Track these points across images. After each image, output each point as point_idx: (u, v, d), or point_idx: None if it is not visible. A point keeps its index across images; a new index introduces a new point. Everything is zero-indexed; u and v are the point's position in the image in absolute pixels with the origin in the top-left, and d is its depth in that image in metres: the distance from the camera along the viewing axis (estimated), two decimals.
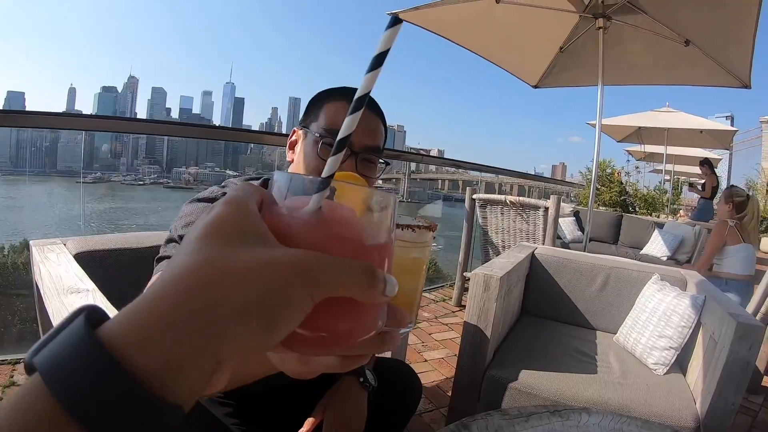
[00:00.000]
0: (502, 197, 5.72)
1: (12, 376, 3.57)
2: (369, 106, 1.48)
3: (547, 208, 5.34)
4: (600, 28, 5.27)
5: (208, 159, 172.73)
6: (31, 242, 2.34)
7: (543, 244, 5.31)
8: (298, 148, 1.56)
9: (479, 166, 9.16)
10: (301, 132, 1.56)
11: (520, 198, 5.54)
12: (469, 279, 3.05)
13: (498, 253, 5.85)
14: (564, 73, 6.77)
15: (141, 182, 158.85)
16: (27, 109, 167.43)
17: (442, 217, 13.17)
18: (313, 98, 1.59)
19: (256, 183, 1.56)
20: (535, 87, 7.09)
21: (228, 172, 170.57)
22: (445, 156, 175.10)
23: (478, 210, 6.03)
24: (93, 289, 1.62)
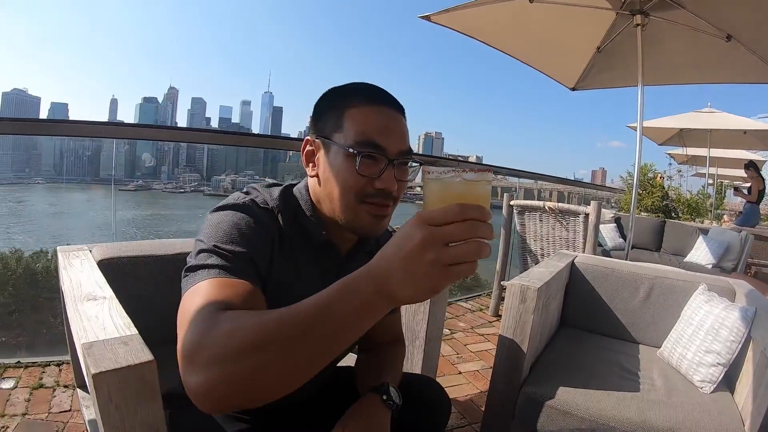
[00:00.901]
0: (540, 203, 5.56)
1: (41, 378, 3.57)
2: (390, 103, 1.43)
3: (587, 215, 5.16)
4: (638, 25, 5.08)
5: (248, 167, 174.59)
6: (57, 248, 2.33)
7: (583, 252, 5.13)
8: (321, 161, 1.44)
9: (517, 172, 8.95)
10: (319, 142, 1.44)
11: (559, 204, 5.37)
12: (506, 289, 2.93)
13: (537, 262, 5.68)
14: (602, 74, 6.58)
15: (182, 190, 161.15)
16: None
17: None
18: (324, 100, 1.48)
19: (277, 189, 1.52)
20: (573, 89, 6.92)
21: (267, 179, 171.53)
22: (483, 160, 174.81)
23: (516, 217, 5.88)
24: (110, 297, 1.56)
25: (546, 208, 5.50)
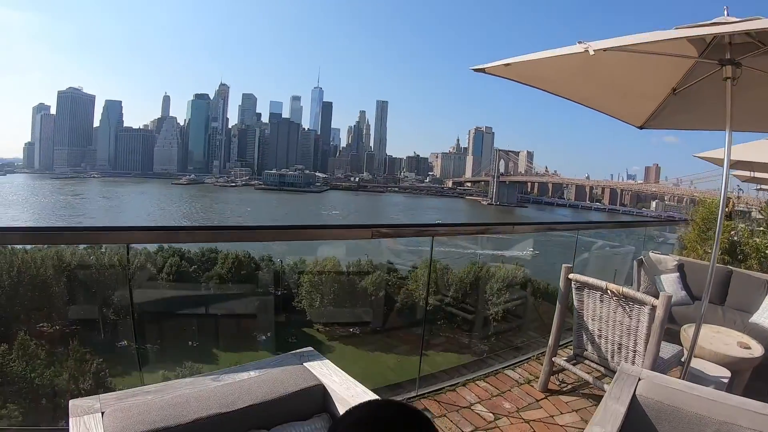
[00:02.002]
0: (602, 284, 4.89)
1: None
2: None
3: (654, 307, 4.44)
4: (728, 78, 4.26)
5: (298, 161, 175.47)
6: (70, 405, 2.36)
7: (644, 355, 4.63)
8: None
9: (578, 225, 8.32)
10: None
11: (624, 289, 4.68)
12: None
13: (592, 342, 5.26)
14: (677, 116, 5.79)
15: (233, 184, 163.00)
16: (124, 117, 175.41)
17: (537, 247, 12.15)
18: None
19: None
20: (641, 128, 6.16)
21: (318, 174, 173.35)
22: (534, 158, 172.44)
23: (574, 291, 5.24)
24: None
25: (608, 290, 4.90)
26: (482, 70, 4.23)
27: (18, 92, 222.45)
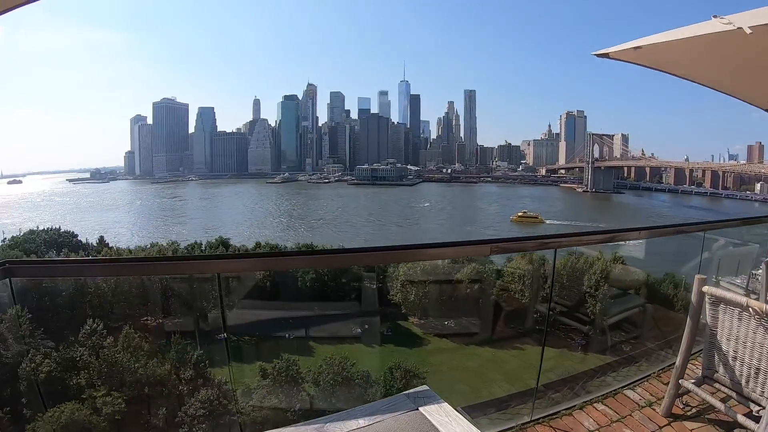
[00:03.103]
0: (743, 300, 4.25)
1: None
2: None
3: None
4: None
5: (390, 155, 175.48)
6: None
7: None
8: None
9: (708, 225, 7.64)
10: None
11: None
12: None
13: (725, 363, 4.61)
14: None
15: (326, 180, 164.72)
16: (217, 122, 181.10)
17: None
18: None
19: None
20: None
21: (409, 167, 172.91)
22: (629, 141, 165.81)
23: (707, 306, 4.65)
24: None
25: (750, 308, 4.25)
26: (605, 55, 3.96)
27: (116, 106, 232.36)
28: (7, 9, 3.96)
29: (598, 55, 3.96)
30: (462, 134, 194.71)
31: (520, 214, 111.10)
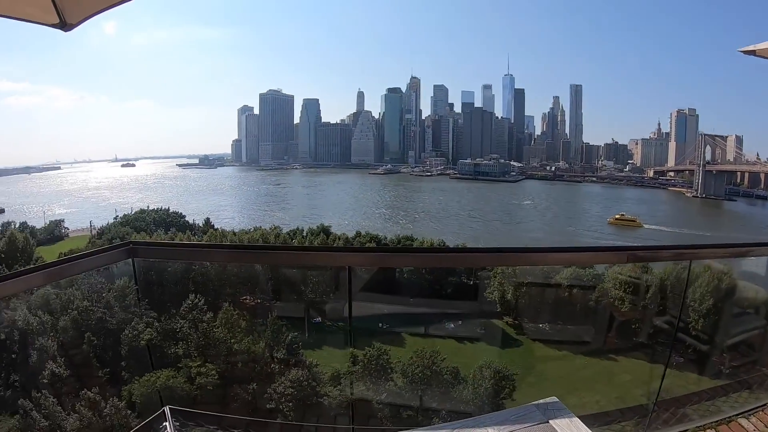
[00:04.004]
0: None
1: None
2: None
3: None
4: None
5: (493, 150, 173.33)
6: None
7: None
8: None
9: None
10: None
11: None
12: None
13: None
14: None
15: (428, 173, 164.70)
16: (322, 113, 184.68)
17: None
18: None
19: None
20: None
21: (513, 163, 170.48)
22: (743, 144, 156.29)
23: None
24: None
25: None
26: (752, 52, 3.71)
27: (224, 97, 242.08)
28: (113, 4, 4.10)
29: (745, 52, 3.71)
30: (567, 131, 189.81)
31: (617, 216, 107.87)
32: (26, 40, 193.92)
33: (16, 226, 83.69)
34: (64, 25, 3.99)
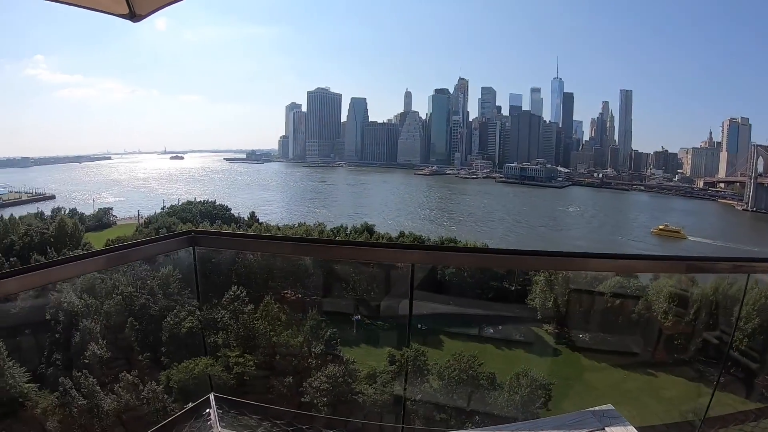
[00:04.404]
0: None
1: None
2: None
3: None
4: None
5: (540, 154, 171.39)
6: None
7: None
8: None
9: None
10: None
11: None
12: None
13: None
14: None
15: (473, 176, 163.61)
16: (369, 112, 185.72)
17: None
18: None
19: None
20: None
21: (559, 168, 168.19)
22: None
23: None
24: None
25: None
26: None
27: (272, 94, 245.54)
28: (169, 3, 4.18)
29: None
30: (616, 137, 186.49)
31: (661, 227, 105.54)
32: (80, 34, 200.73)
33: (66, 212, 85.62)
34: (133, 16, 4.14)
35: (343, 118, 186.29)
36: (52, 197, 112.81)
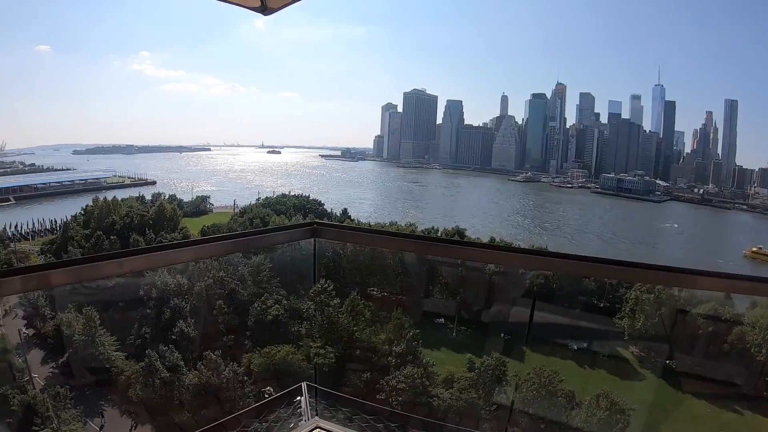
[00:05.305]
0: None
1: None
2: None
3: None
4: None
5: (638, 166, 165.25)
6: None
7: None
8: None
9: None
10: None
11: None
12: None
13: None
14: None
15: (569, 185, 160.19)
16: (464, 115, 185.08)
17: None
18: None
19: None
20: None
21: (658, 181, 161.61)
22: None
23: None
24: None
25: None
26: None
27: (368, 93, 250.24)
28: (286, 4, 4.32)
29: None
30: (719, 150, 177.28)
31: (754, 249, 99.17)
32: (183, 33, 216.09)
33: (166, 197, 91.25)
34: (265, 9, 4.52)
35: (439, 120, 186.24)
36: (153, 183, 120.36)
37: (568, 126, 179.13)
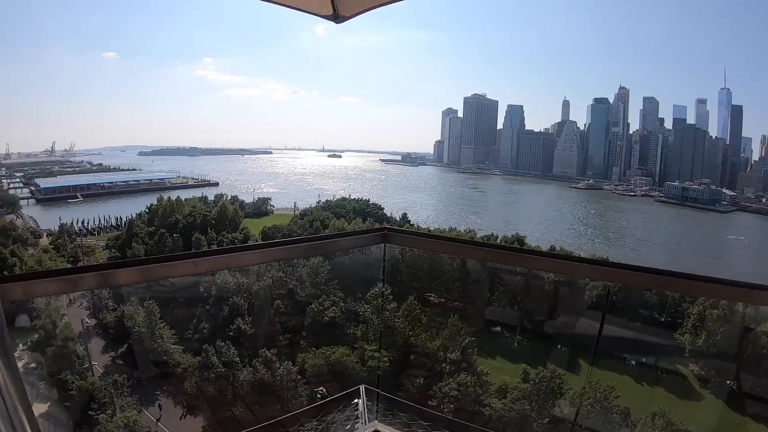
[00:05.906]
0: None
1: None
2: None
3: None
4: None
5: (704, 173, 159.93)
6: None
7: None
8: None
9: None
10: None
11: None
12: None
13: None
14: None
15: (632, 193, 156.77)
16: (525, 121, 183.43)
17: None
18: None
19: None
20: None
21: (724, 190, 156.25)
22: None
23: None
24: None
25: None
26: None
27: (429, 98, 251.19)
28: (384, 3, 4.46)
29: None
30: None
31: None
32: (245, 40, 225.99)
33: (228, 198, 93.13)
34: (337, 17, 4.55)
35: (499, 125, 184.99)
36: (216, 184, 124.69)
37: (631, 131, 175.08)
